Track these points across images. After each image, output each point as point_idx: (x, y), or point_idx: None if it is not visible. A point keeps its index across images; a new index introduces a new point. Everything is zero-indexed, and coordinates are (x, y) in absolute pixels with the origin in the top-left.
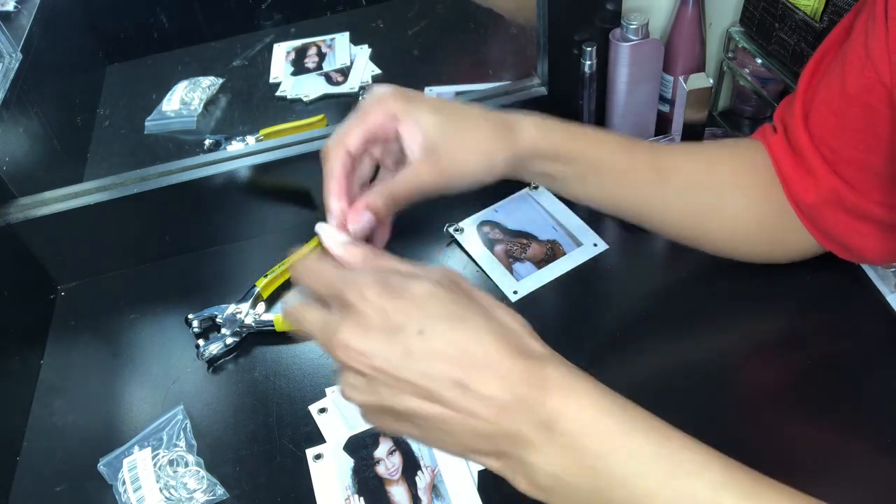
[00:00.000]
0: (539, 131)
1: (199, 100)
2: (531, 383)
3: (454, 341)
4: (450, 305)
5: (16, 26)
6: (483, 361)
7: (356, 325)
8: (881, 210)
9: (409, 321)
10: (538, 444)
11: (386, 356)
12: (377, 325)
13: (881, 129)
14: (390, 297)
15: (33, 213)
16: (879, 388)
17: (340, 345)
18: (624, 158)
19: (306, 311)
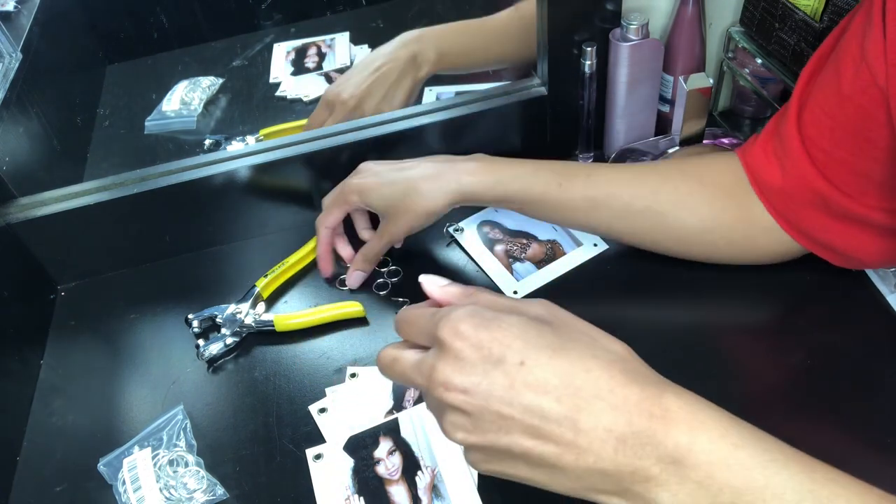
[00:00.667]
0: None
1: (199, 100)
2: (652, 413)
3: (559, 371)
4: (549, 334)
5: (16, 26)
6: (592, 391)
7: (454, 360)
8: (878, 214)
9: (508, 352)
10: (665, 481)
11: (488, 391)
12: (475, 359)
13: (875, 132)
14: (487, 328)
15: (33, 213)
16: (879, 387)
17: (438, 383)
18: (555, 194)
19: (400, 355)
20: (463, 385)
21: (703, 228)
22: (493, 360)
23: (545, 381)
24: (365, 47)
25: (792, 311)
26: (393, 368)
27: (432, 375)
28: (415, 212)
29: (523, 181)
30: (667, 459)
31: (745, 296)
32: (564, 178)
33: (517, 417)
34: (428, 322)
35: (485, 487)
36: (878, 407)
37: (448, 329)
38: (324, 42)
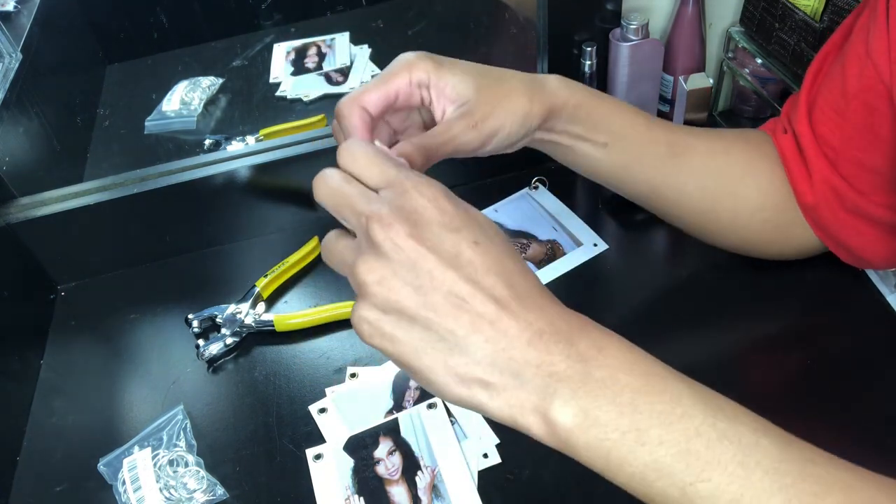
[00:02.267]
0: (567, 89)
1: (199, 100)
2: (571, 322)
3: (506, 266)
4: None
5: (16, 26)
6: (528, 291)
7: (412, 210)
8: (884, 212)
9: (465, 228)
10: (569, 377)
11: (432, 246)
12: (433, 219)
13: (882, 129)
14: (454, 201)
15: (33, 213)
16: (880, 387)
17: (383, 219)
18: (643, 129)
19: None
20: (405, 230)
21: (761, 205)
22: (451, 227)
23: (489, 266)
24: (365, 47)
25: (792, 310)
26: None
27: (380, 211)
28: (510, 103)
29: (615, 105)
30: (575, 357)
31: (746, 296)
32: (649, 118)
33: (449, 280)
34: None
35: (485, 487)
36: (879, 407)
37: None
38: (324, 42)
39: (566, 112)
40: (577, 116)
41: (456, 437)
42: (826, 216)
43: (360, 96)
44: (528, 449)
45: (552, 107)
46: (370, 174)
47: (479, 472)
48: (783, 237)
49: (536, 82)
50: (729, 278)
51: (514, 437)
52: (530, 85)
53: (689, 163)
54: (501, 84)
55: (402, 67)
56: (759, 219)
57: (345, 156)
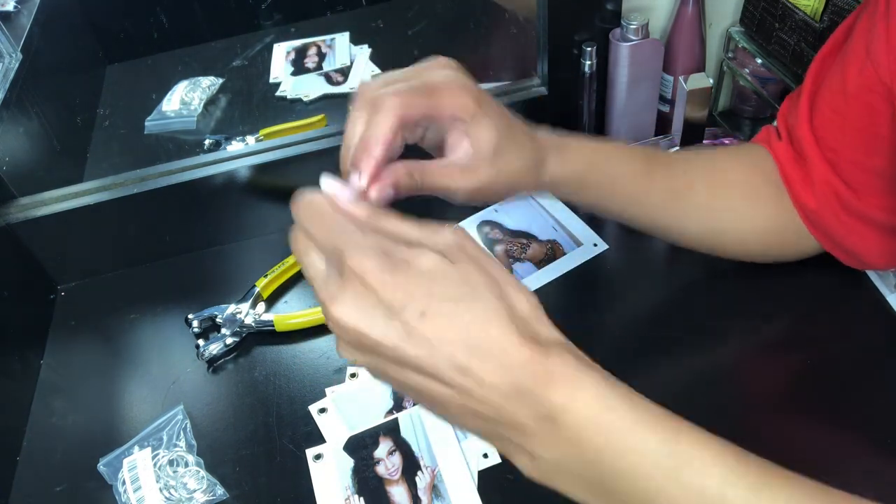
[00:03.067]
0: (565, 165)
1: (199, 100)
2: (536, 373)
3: (458, 325)
4: (455, 282)
5: (16, 26)
6: (487, 348)
7: (354, 296)
8: (883, 215)
9: (410, 301)
10: (540, 436)
11: (384, 335)
12: (376, 302)
13: (882, 129)
14: (392, 271)
15: (33, 213)
16: (879, 388)
17: (336, 317)
18: (642, 181)
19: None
20: (357, 326)
21: (767, 229)
22: (395, 307)
23: (442, 334)
24: (365, 47)
25: (792, 310)
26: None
27: (328, 305)
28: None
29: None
30: (542, 418)
31: (745, 296)
32: (650, 166)
33: (410, 363)
34: (336, 236)
35: (485, 487)
36: (878, 407)
37: (356, 259)
38: (324, 42)
39: (559, 186)
40: (571, 187)
41: (456, 437)
42: (827, 219)
43: (405, 104)
44: None
45: (542, 185)
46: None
47: (479, 472)
48: (786, 247)
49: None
50: (729, 278)
51: None
52: (533, 164)
53: (692, 205)
54: (515, 159)
55: (450, 94)
56: (760, 237)
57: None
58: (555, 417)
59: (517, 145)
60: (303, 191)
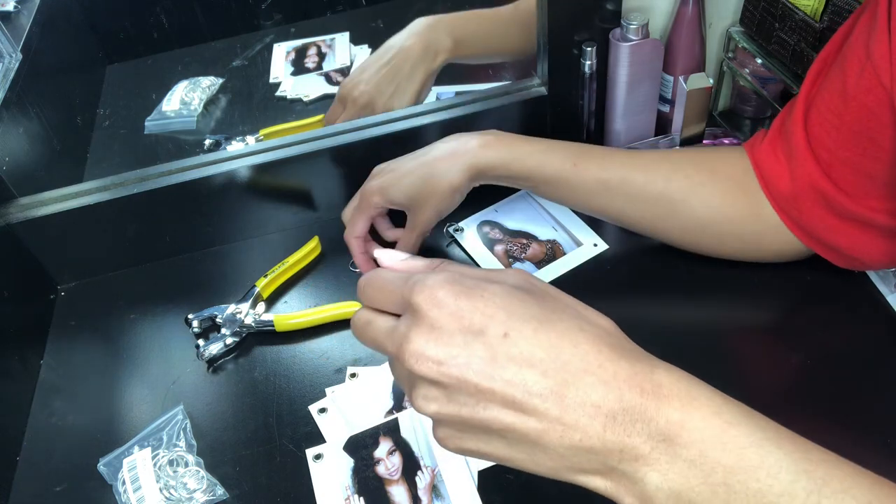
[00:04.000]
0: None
1: (199, 100)
2: (643, 389)
3: (545, 344)
4: (533, 305)
5: (16, 26)
6: (581, 366)
7: (429, 329)
8: (880, 216)
9: (490, 323)
10: (656, 460)
11: (466, 363)
12: (453, 330)
13: (879, 133)
14: (467, 297)
15: (33, 213)
16: (879, 388)
17: (410, 353)
18: (569, 174)
19: (375, 318)
20: (438, 357)
21: (713, 220)
22: (474, 330)
23: (530, 354)
24: (365, 47)
25: (792, 311)
26: (365, 332)
27: (404, 345)
28: (439, 193)
29: (538, 158)
30: (658, 437)
31: (745, 296)
32: (579, 158)
33: (498, 391)
34: (399, 287)
35: (485, 487)
36: (878, 407)
37: (424, 296)
38: (324, 42)
39: (491, 173)
40: (498, 177)
41: None
42: (808, 217)
43: (352, 231)
44: None
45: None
46: (385, 305)
47: (479, 472)
48: (753, 244)
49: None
50: (728, 278)
51: None
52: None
53: (623, 195)
54: (427, 184)
55: (367, 204)
56: (713, 232)
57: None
58: (673, 437)
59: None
60: None
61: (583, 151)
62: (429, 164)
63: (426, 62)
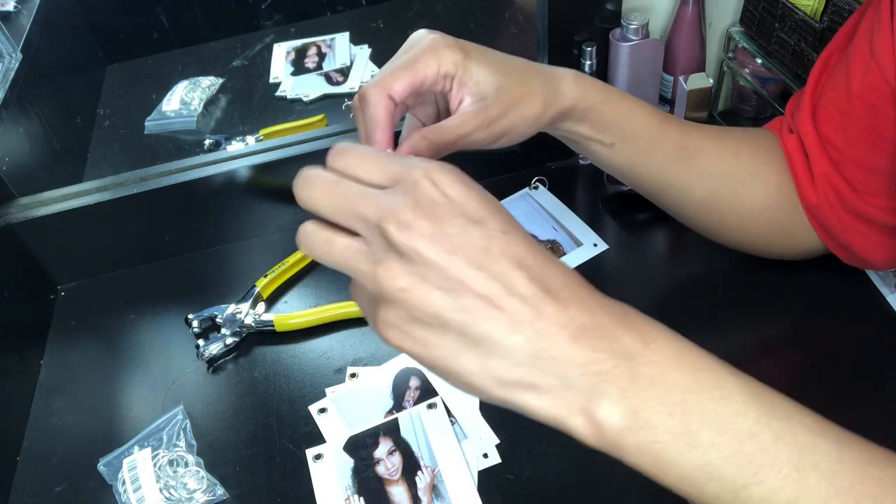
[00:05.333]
0: (580, 91)
1: (199, 100)
2: (614, 313)
3: (536, 254)
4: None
5: (16, 26)
6: (562, 283)
7: (429, 203)
8: (885, 215)
9: (492, 217)
10: (617, 376)
11: (461, 244)
12: (451, 212)
13: (886, 129)
14: (469, 186)
15: (33, 213)
16: (880, 387)
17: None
18: (654, 131)
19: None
20: (432, 231)
21: (766, 207)
22: (475, 219)
23: (523, 256)
24: (365, 47)
25: (792, 311)
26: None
27: (394, 212)
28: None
29: (629, 105)
30: (622, 354)
31: (745, 295)
32: (663, 118)
33: (482, 281)
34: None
35: (485, 487)
36: (878, 407)
37: (423, 172)
38: (324, 42)
39: (576, 114)
40: (587, 118)
41: (456, 437)
42: (828, 216)
43: (387, 83)
44: (528, 449)
45: (563, 110)
46: (370, 172)
47: (479, 472)
48: (787, 238)
49: (552, 84)
50: (729, 278)
51: (514, 438)
52: (546, 87)
53: (698, 166)
54: (521, 86)
55: (430, 54)
56: (764, 220)
57: (337, 156)
58: (636, 354)
59: (520, 72)
60: None
61: (663, 113)
62: (523, 68)
63: None
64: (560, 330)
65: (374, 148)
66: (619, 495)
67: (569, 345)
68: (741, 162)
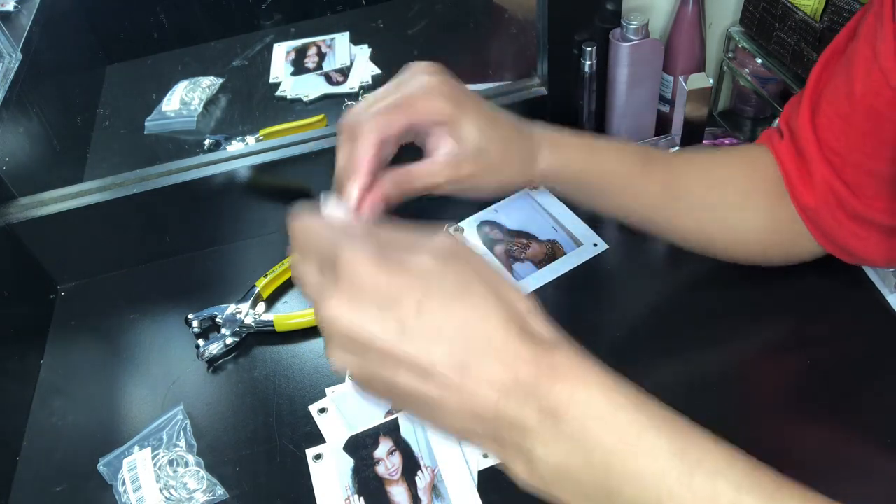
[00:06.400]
0: (557, 160)
1: (199, 100)
2: (539, 368)
3: (455, 319)
4: (451, 280)
5: (16, 26)
6: (485, 342)
7: (348, 295)
8: (886, 217)
9: (405, 296)
10: (542, 434)
11: (377, 331)
12: (370, 298)
13: (887, 133)
14: (387, 270)
15: (33, 213)
16: (880, 388)
17: (328, 315)
18: (637, 178)
19: (304, 270)
20: (351, 323)
21: (757, 230)
22: (390, 301)
23: (439, 329)
24: (365, 47)
25: (792, 311)
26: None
27: (323, 305)
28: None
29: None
30: (545, 412)
31: (746, 296)
32: (647, 159)
33: (403, 359)
34: (329, 244)
35: (485, 487)
36: (879, 407)
37: (348, 262)
38: (324, 42)
39: (550, 179)
40: (563, 180)
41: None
42: (827, 219)
43: (381, 125)
44: None
45: (536, 178)
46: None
47: (479, 472)
48: (784, 251)
49: (531, 153)
50: (729, 279)
51: None
52: (525, 155)
53: (685, 201)
54: (501, 154)
55: (426, 101)
56: (756, 241)
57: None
58: (559, 413)
59: (503, 140)
60: (296, 212)
61: (644, 152)
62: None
63: None
64: (487, 391)
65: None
66: None
67: (495, 406)
68: (730, 191)
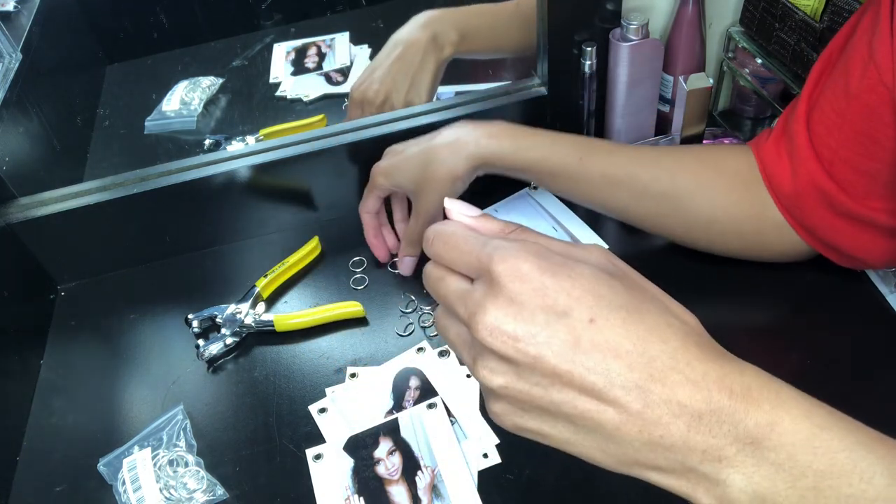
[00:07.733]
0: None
1: (199, 100)
2: (733, 390)
3: (633, 336)
4: (622, 292)
5: (16, 26)
6: (669, 363)
7: (509, 302)
8: (882, 216)
9: (577, 306)
10: (741, 462)
11: (546, 342)
12: (535, 307)
13: (881, 132)
14: (553, 274)
15: (33, 213)
16: (879, 388)
17: (484, 325)
18: (574, 169)
19: (448, 275)
20: (516, 333)
21: (717, 218)
22: (558, 311)
23: (617, 344)
24: (365, 47)
25: (792, 310)
26: (437, 287)
27: (478, 315)
28: (439, 180)
29: (542, 150)
30: (745, 439)
31: (746, 295)
32: (585, 152)
33: (577, 375)
34: (476, 249)
35: (485, 487)
36: (878, 407)
37: (506, 266)
38: (324, 42)
39: (494, 163)
40: (507, 165)
41: (456, 437)
42: (810, 217)
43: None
44: (528, 449)
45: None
46: (455, 264)
47: (479, 472)
48: (755, 243)
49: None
50: (728, 278)
51: (514, 438)
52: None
53: (628, 191)
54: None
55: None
56: (718, 230)
57: (428, 245)
58: (760, 439)
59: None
60: (435, 224)
61: (589, 145)
62: (431, 151)
63: (435, 52)
64: (673, 419)
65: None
66: (619, 495)
67: (685, 433)
68: (679, 182)
